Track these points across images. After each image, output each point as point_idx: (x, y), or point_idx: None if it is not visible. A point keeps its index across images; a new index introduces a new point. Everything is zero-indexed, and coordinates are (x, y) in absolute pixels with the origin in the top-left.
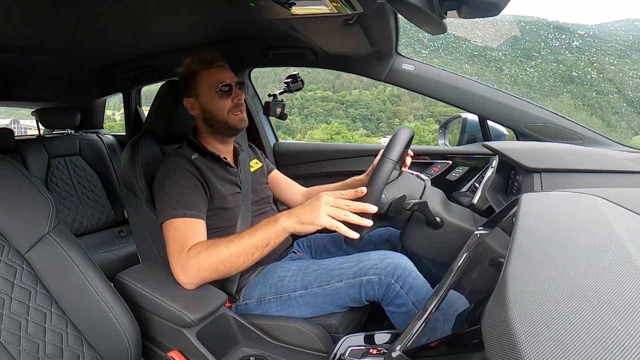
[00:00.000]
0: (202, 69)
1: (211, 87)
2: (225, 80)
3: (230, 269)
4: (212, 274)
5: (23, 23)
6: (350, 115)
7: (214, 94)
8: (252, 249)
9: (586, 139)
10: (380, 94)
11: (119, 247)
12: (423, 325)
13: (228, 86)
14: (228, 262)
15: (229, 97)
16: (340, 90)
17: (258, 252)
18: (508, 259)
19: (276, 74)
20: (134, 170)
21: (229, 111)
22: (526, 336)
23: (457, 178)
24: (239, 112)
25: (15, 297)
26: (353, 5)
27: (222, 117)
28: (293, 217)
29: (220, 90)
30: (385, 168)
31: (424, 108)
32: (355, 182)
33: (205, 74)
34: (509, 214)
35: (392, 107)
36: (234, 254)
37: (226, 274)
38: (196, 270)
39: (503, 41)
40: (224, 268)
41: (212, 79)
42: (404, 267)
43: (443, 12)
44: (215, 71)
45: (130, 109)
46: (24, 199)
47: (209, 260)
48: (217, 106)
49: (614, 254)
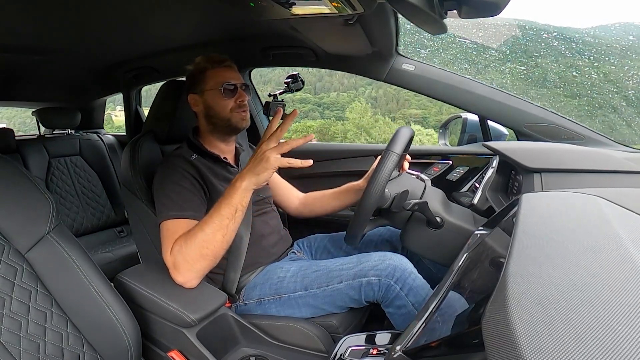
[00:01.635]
0: (210, 67)
1: (217, 85)
2: (231, 80)
3: (215, 249)
4: (202, 262)
5: (23, 23)
6: (326, 117)
7: (218, 92)
8: (224, 220)
9: (587, 139)
10: (359, 97)
11: (119, 247)
12: (423, 326)
13: (233, 86)
14: (209, 243)
15: (233, 96)
16: (320, 93)
17: (231, 221)
18: (508, 259)
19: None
20: (134, 170)
21: (231, 110)
22: (526, 336)
23: (457, 178)
24: (241, 112)
25: (15, 297)
26: (353, 6)
27: (224, 115)
28: (247, 174)
29: (225, 89)
30: (390, 160)
31: (397, 110)
32: (352, 187)
33: (213, 72)
34: (509, 214)
35: (371, 108)
36: (210, 233)
37: (215, 255)
38: (186, 264)
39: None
40: (209, 250)
41: (219, 77)
42: (404, 269)
43: (443, 12)
44: (223, 70)
45: (130, 109)
46: (24, 199)
47: (192, 249)
48: (220, 104)
49: (615, 254)
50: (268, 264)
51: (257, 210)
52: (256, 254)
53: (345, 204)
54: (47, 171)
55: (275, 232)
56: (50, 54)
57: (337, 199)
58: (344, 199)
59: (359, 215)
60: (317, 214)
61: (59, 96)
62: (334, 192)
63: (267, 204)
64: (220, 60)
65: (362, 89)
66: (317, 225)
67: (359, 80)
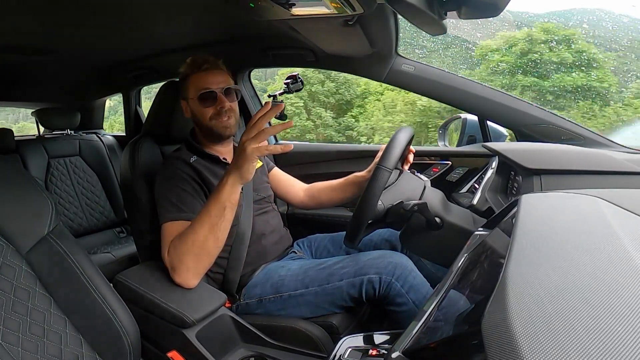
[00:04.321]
0: (191, 72)
1: (196, 92)
2: (209, 86)
3: (208, 248)
4: (196, 262)
5: (23, 23)
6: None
7: (197, 100)
8: (213, 219)
9: (586, 139)
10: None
11: (119, 247)
12: (423, 326)
13: (210, 92)
14: (201, 242)
15: (213, 104)
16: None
17: (220, 219)
18: (508, 259)
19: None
20: (134, 170)
21: (211, 118)
22: (526, 337)
23: (456, 179)
24: (221, 119)
25: (15, 297)
26: (353, 6)
27: (206, 123)
28: (232, 170)
29: (201, 97)
30: (380, 178)
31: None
32: (357, 179)
33: (193, 78)
34: (509, 215)
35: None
36: (201, 232)
37: (209, 254)
38: (181, 265)
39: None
40: (202, 250)
41: (198, 84)
42: (405, 266)
43: (443, 13)
44: (202, 75)
45: (130, 109)
46: (23, 199)
47: (184, 250)
48: (200, 112)
49: (614, 255)
50: (269, 263)
51: (258, 209)
52: (257, 253)
53: (350, 195)
54: (46, 171)
55: (276, 231)
56: (50, 54)
57: (342, 190)
58: (349, 190)
59: (354, 226)
60: (322, 205)
61: (59, 96)
62: (339, 183)
63: (268, 203)
64: (200, 63)
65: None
66: (317, 225)
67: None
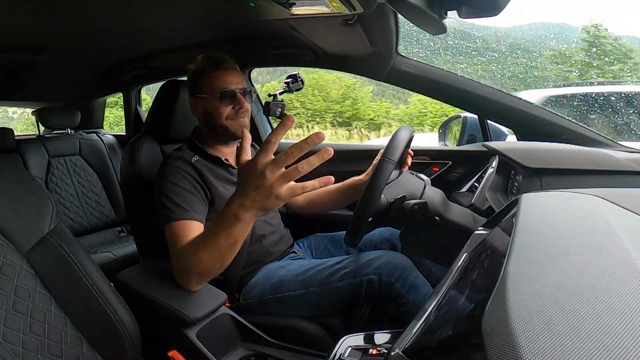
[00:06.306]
0: (208, 70)
1: (213, 91)
2: (229, 86)
3: (213, 271)
4: (199, 278)
5: (23, 23)
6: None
7: (215, 99)
8: (222, 250)
9: (586, 139)
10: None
11: (119, 247)
12: (423, 325)
13: (231, 92)
14: (204, 269)
15: (231, 103)
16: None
17: (229, 250)
18: (508, 259)
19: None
20: (134, 169)
21: (227, 117)
22: (526, 336)
23: (457, 178)
24: (239, 119)
25: (15, 296)
26: (353, 6)
27: (221, 122)
28: (251, 208)
29: (222, 96)
30: (385, 170)
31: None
32: (355, 182)
33: (210, 76)
34: (509, 214)
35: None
36: (208, 262)
37: (213, 275)
38: (184, 275)
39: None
40: (206, 272)
41: (216, 82)
42: (405, 267)
43: (443, 12)
44: (220, 74)
45: (130, 109)
46: (24, 198)
47: (188, 268)
48: (217, 111)
49: (614, 254)
50: (269, 263)
51: None
52: (257, 254)
53: (348, 200)
54: (46, 171)
55: (276, 232)
56: (50, 54)
57: (340, 194)
58: (347, 194)
59: (356, 222)
60: (321, 210)
61: (59, 96)
62: (337, 188)
63: None
64: (218, 62)
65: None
66: (317, 225)
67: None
